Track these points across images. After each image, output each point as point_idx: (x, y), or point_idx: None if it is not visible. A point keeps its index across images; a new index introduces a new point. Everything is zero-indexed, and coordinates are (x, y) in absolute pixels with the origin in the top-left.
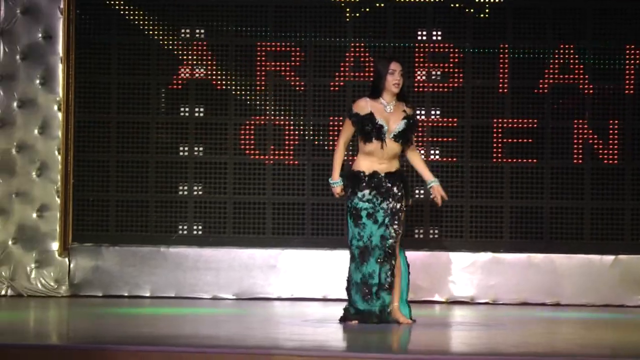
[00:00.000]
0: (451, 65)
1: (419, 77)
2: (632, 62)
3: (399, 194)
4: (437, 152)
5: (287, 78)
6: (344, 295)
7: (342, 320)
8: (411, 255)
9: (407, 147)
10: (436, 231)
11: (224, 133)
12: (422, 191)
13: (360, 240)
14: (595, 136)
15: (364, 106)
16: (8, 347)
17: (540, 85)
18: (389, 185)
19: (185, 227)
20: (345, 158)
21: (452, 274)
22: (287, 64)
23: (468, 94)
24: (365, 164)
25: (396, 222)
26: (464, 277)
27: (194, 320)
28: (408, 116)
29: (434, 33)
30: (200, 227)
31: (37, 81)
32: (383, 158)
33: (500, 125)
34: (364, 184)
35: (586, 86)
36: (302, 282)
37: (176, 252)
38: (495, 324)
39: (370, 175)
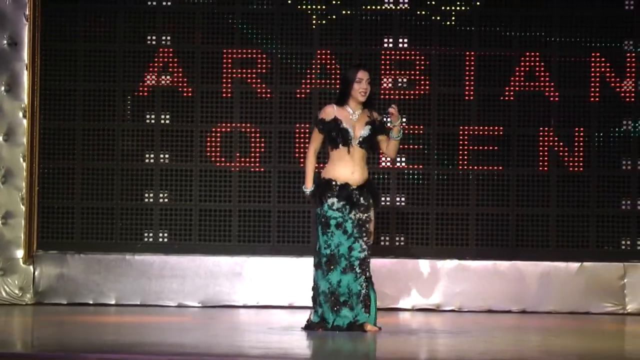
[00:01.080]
0: (417, 72)
1: (385, 84)
2: (597, 70)
3: (366, 204)
4: (404, 159)
5: (254, 85)
6: (310, 303)
7: (306, 328)
8: (377, 262)
9: (378, 149)
10: (402, 238)
11: (189, 140)
12: (387, 199)
13: (327, 248)
14: (561, 143)
15: (330, 112)
16: None
17: (506, 93)
18: (358, 196)
19: (150, 235)
20: (316, 164)
21: (418, 281)
22: (254, 71)
23: (434, 101)
24: (336, 173)
25: (364, 234)
26: (430, 285)
27: (159, 328)
28: (372, 120)
29: (400, 40)
30: (165, 235)
31: (2, 88)
32: (353, 164)
33: (466, 132)
34: (335, 193)
35: (552, 94)
36: (268, 290)
37: (141, 259)
38: (461, 331)
39: (342, 186)
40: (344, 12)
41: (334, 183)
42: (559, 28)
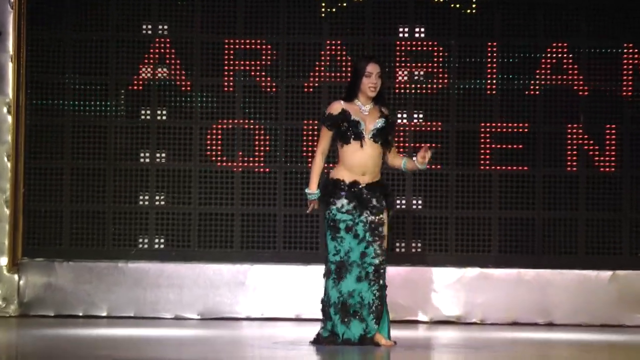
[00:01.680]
0: (435, 64)
1: (400, 78)
2: (631, 62)
3: (378, 205)
4: None
5: (258, 78)
6: (318, 315)
7: (315, 342)
8: (392, 270)
9: (388, 150)
10: (419, 244)
11: (188, 138)
12: (403, 202)
13: (337, 254)
14: (591, 142)
15: (337, 108)
16: None
17: (532, 87)
18: (369, 196)
19: (145, 241)
20: (325, 165)
21: (437, 291)
22: (258, 63)
23: (453, 95)
24: (345, 173)
25: (377, 238)
26: (449, 295)
27: (155, 342)
28: (386, 115)
29: (417, 30)
30: (162, 241)
31: None
32: (366, 162)
33: (488, 129)
34: (343, 193)
35: (581, 88)
36: (273, 301)
37: (136, 267)
38: (483, 345)
39: (350, 185)
40: None
41: (342, 183)
42: (587, 17)
